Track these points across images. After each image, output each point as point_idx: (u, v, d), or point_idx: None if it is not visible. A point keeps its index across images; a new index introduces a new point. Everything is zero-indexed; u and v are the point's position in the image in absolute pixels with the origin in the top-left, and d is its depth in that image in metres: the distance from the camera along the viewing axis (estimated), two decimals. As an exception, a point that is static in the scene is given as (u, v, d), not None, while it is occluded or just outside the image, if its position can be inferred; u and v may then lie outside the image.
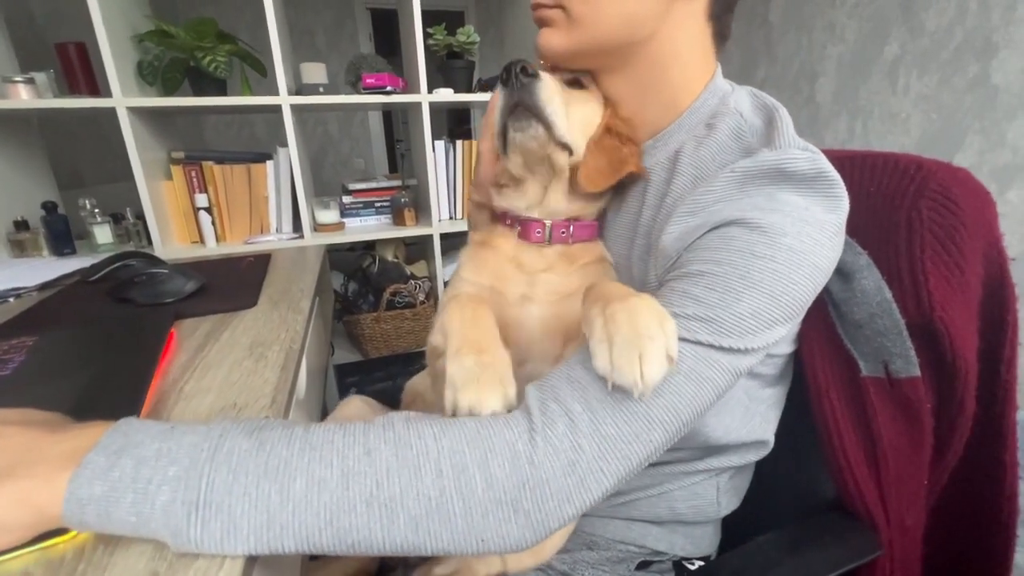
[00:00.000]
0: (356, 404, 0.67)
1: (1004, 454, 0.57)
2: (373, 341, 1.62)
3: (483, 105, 1.92)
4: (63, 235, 1.40)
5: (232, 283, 0.90)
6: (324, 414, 1.21)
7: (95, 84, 1.38)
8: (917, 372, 0.53)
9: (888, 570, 0.55)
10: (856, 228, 0.57)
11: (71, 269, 0.99)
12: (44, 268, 1.01)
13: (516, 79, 0.48)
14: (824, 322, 0.58)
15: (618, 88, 0.56)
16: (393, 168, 4.55)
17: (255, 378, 0.54)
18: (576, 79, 0.56)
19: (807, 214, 0.43)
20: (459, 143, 1.70)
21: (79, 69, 1.35)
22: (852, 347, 0.56)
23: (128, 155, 1.32)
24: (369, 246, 1.87)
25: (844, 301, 0.56)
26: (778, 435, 0.62)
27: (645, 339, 0.36)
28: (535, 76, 0.49)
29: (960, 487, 0.59)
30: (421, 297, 1.68)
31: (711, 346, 0.40)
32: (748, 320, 0.40)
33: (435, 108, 1.66)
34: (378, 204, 1.74)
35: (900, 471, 0.55)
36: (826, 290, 0.57)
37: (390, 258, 1.79)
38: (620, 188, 0.59)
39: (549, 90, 0.49)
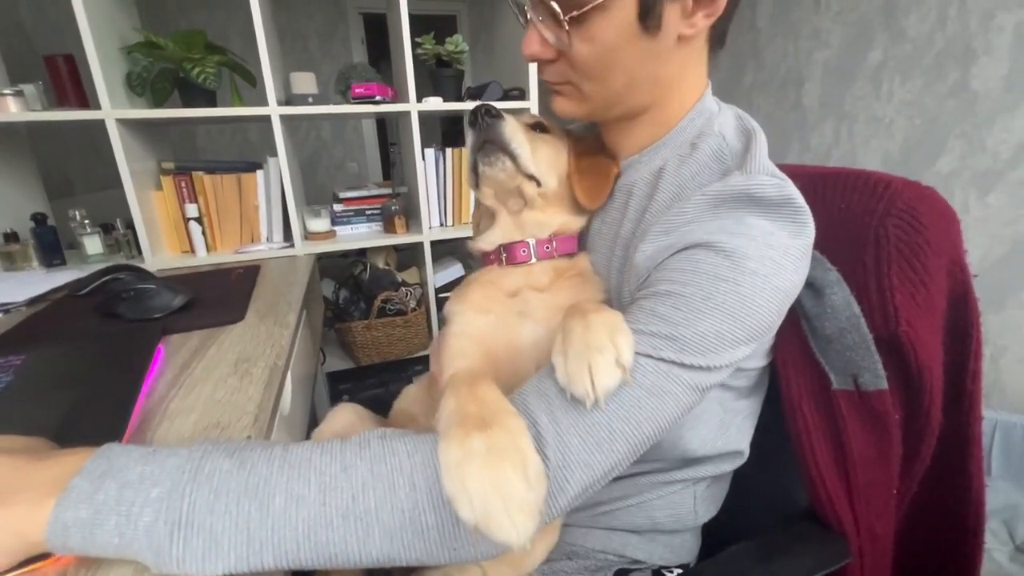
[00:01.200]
0: (346, 413, 0.68)
1: (970, 463, 0.58)
2: (364, 349, 1.63)
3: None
4: (53, 246, 1.40)
5: (220, 296, 0.91)
6: (313, 423, 1.22)
7: (84, 96, 1.38)
8: (885, 385, 0.55)
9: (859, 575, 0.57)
10: (827, 244, 0.59)
11: (60, 283, 0.99)
12: (33, 282, 1.02)
13: (482, 120, 0.53)
14: (798, 335, 0.59)
15: (611, 116, 0.57)
16: (387, 172, 4.55)
17: (239, 396, 0.55)
18: (539, 123, 0.59)
19: (772, 239, 0.44)
20: (449, 151, 1.71)
21: (68, 81, 1.35)
22: (823, 360, 0.58)
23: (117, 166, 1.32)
24: (360, 253, 1.87)
25: (816, 316, 0.58)
26: (756, 444, 0.63)
27: (594, 351, 0.39)
28: (499, 117, 0.54)
29: (929, 495, 0.61)
30: (412, 304, 1.69)
31: (673, 363, 0.42)
32: (711, 339, 0.42)
33: (427, 115, 1.67)
34: (369, 212, 1.74)
35: (869, 481, 0.56)
36: (799, 304, 0.58)
37: (381, 265, 1.80)
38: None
39: (512, 127, 0.54)
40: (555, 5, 0.46)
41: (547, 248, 0.60)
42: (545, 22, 0.49)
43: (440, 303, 1.74)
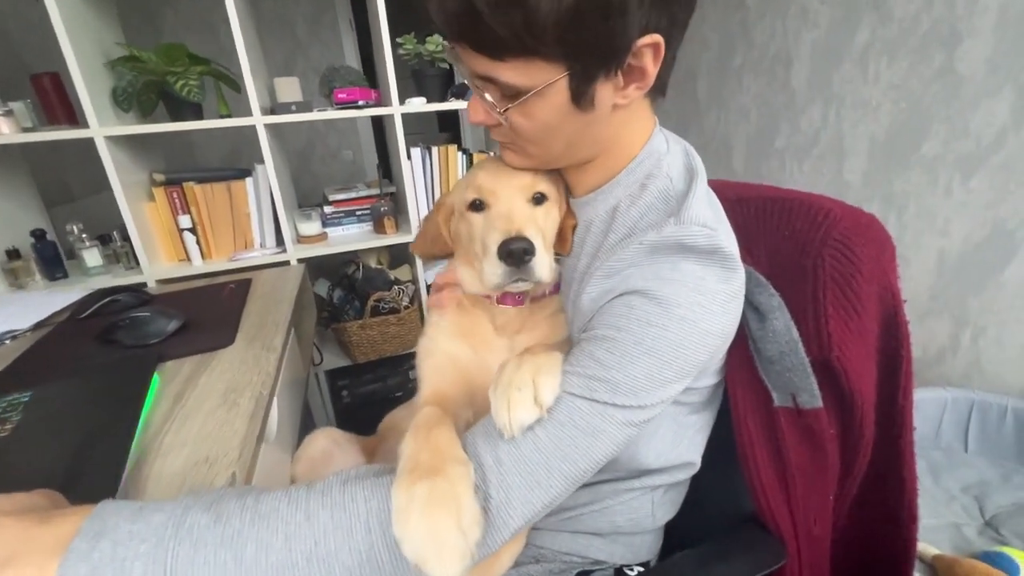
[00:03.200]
0: (321, 440, 0.73)
1: (903, 470, 0.63)
2: (361, 347, 1.69)
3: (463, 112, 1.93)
4: (54, 260, 1.45)
5: (213, 316, 0.96)
6: (306, 425, 1.28)
7: (72, 113, 1.41)
8: (820, 404, 0.59)
9: (797, 574, 0.63)
10: (773, 269, 0.63)
11: (62, 305, 1.04)
12: (37, 303, 1.07)
13: (522, 264, 0.54)
14: (745, 356, 0.63)
15: (559, 167, 0.62)
16: (384, 159, 4.55)
17: (226, 429, 0.60)
18: (541, 194, 0.61)
19: (702, 284, 0.48)
20: (435, 149, 1.73)
21: (55, 99, 1.37)
22: (767, 379, 0.62)
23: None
24: (353, 252, 1.91)
25: (760, 338, 0.62)
26: (711, 452, 0.68)
27: (514, 388, 0.46)
28: (533, 254, 0.54)
29: (867, 497, 0.66)
30: (405, 302, 1.74)
31: (607, 403, 0.46)
32: (641, 381, 0.46)
33: (419, 112, 1.68)
34: (359, 212, 1.78)
35: (806, 490, 0.61)
36: (746, 326, 0.62)
37: (374, 264, 1.84)
38: None
39: (542, 261, 0.55)
40: (489, 98, 0.50)
41: (541, 293, 0.65)
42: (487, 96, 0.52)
43: (432, 299, 1.79)
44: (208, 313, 0.98)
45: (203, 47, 1.54)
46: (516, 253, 0.53)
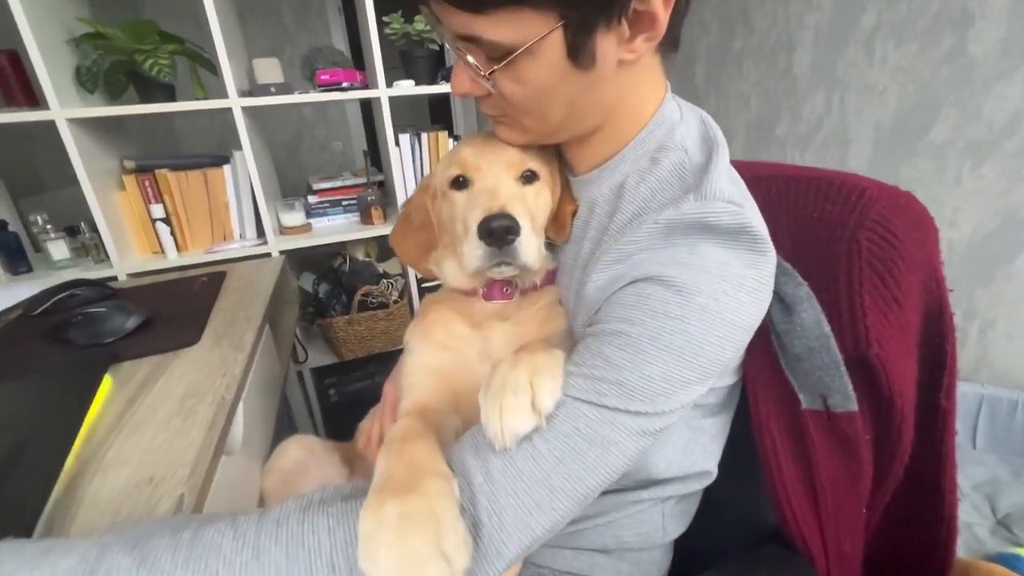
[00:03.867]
0: (295, 450, 0.66)
1: (943, 479, 0.57)
2: (347, 344, 1.61)
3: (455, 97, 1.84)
4: (17, 253, 1.36)
5: (179, 312, 0.88)
6: (284, 429, 1.20)
7: (33, 94, 1.31)
8: (854, 407, 0.52)
9: (827, 597, 0.56)
10: (800, 256, 0.56)
11: (14, 301, 0.95)
12: (-9, 298, 0.98)
13: (505, 243, 0.48)
14: (767, 352, 0.57)
15: (559, 141, 0.54)
16: (374, 150, 4.44)
17: (180, 441, 0.52)
18: (531, 171, 0.54)
19: (726, 270, 0.41)
20: (425, 135, 1.65)
21: (13, 79, 1.27)
22: (793, 379, 0.55)
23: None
24: (340, 244, 1.83)
25: (785, 333, 0.55)
26: (726, 459, 0.61)
27: (508, 392, 0.39)
28: (517, 233, 0.48)
29: (901, 510, 0.59)
30: (394, 296, 1.66)
31: (618, 410, 0.39)
32: (658, 383, 0.39)
33: (409, 96, 1.59)
34: (345, 203, 1.69)
35: (838, 503, 0.55)
36: (769, 320, 0.55)
37: (361, 257, 1.76)
38: None
39: (527, 242, 0.49)
40: (472, 59, 0.43)
41: (529, 283, 0.58)
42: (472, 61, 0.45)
43: (423, 293, 1.71)
44: (175, 308, 0.90)
45: (186, 33, 1.43)
46: (498, 231, 0.47)
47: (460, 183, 0.54)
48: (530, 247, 0.49)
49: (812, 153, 2.10)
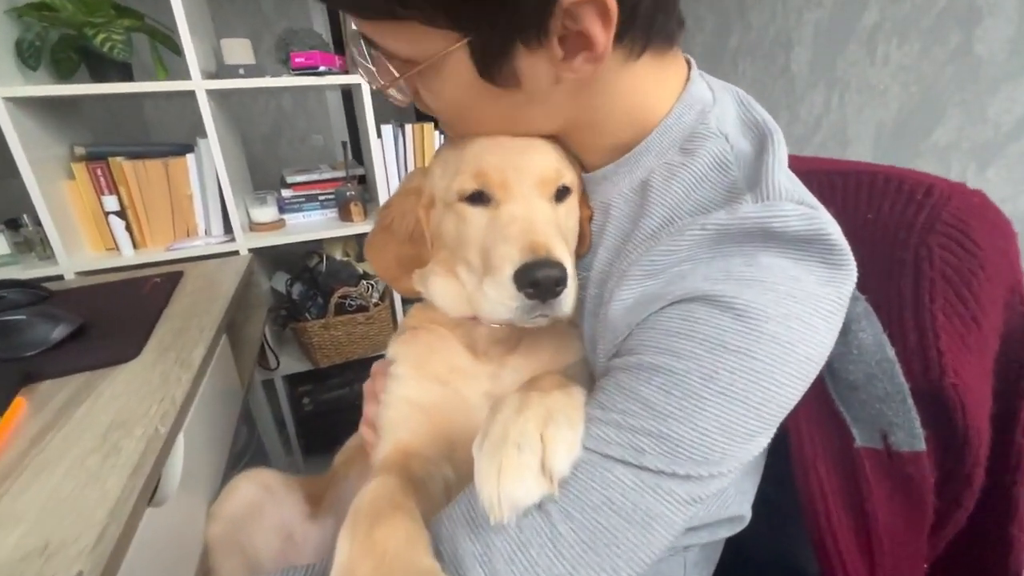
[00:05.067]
0: (247, 489, 0.55)
1: (1011, 526, 0.49)
2: (323, 350, 1.49)
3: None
4: (-52, 249, 1.22)
5: (123, 318, 0.76)
6: (251, 445, 1.08)
7: (-33, 69, 1.17)
8: (922, 446, 0.44)
9: (880, 665, 0.48)
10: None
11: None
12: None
13: (549, 292, 0.38)
14: (814, 379, 0.48)
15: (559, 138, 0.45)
16: (355, 144, 4.30)
17: (92, 491, 0.41)
18: (565, 188, 0.44)
19: (797, 288, 0.32)
20: (409, 127, 1.54)
21: (-57, 51, 1.13)
22: (845, 412, 0.47)
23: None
24: (316, 242, 1.71)
25: (838, 357, 0.46)
26: (758, 500, 0.53)
27: (510, 446, 0.29)
28: (565, 284, 0.38)
29: (960, 560, 0.51)
30: (375, 299, 1.54)
31: (662, 472, 0.30)
32: (714, 436, 0.30)
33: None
34: (322, 197, 1.57)
35: (896, 557, 0.46)
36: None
37: (339, 256, 1.64)
38: None
39: (572, 293, 0.39)
40: (363, 76, 0.38)
41: None
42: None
43: (408, 298, 1.60)
44: (117, 315, 0.78)
45: (146, 8, 1.30)
46: (545, 284, 0.36)
47: (477, 198, 0.43)
48: (571, 293, 0.39)
49: (810, 154, 2.04)
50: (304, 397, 1.64)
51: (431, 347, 0.48)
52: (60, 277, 1.22)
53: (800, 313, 0.31)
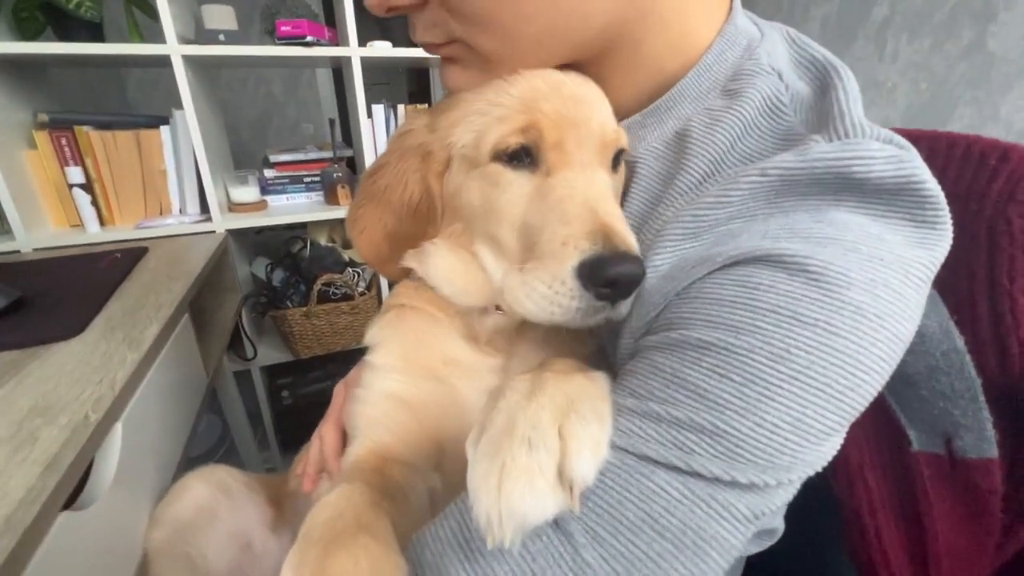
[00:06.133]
0: (196, 493, 0.47)
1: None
2: (304, 340, 1.41)
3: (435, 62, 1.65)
4: None
5: (72, 293, 0.68)
6: (222, 443, 1.00)
7: (-82, 22, 1.07)
8: (994, 452, 0.37)
9: None
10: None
11: None
12: None
13: (625, 292, 0.30)
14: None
15: (586, 72, 0.37)
16: (346, 128, 4.20)
17: (-7, 490, 0.33)
18: (622, 151, 0.36)
19: (882, 248, 0.25)
20: (402, 107, 1.46)
21: None
22: (900, 411, 0.40)
23: (-34, 117, 1.03)
24: (300, 227, 1.62)
25: (893, 346, 0.40)
26: (792, 509, 0.46)
27: (517, 443, 0.22)
28: (640, 283, 0.30)
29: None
30: (361, 288, 1.46)
31: (717, 480, 0.23)
32: (784, 433, 0.23)
33: (387, 66, 1.40)
34: (308, 179, 1.48)
35: (958, 580, 0.40)
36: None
37: (324, 241, 1.56)
38: None
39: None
40: None
41: None
42: None
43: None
44: (67, 290, 0.69)
45: None
46: (624, 284, 0.29)
47: (517, 157, 0.34)
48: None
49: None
50: (283, 390, 1.55)
51: (421, 333, 0.40)
52: (16, 253, 1.12)
53: (889, 279, 0.24)
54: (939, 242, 0.27)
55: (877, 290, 0.24)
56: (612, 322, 0.31)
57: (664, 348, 0.26)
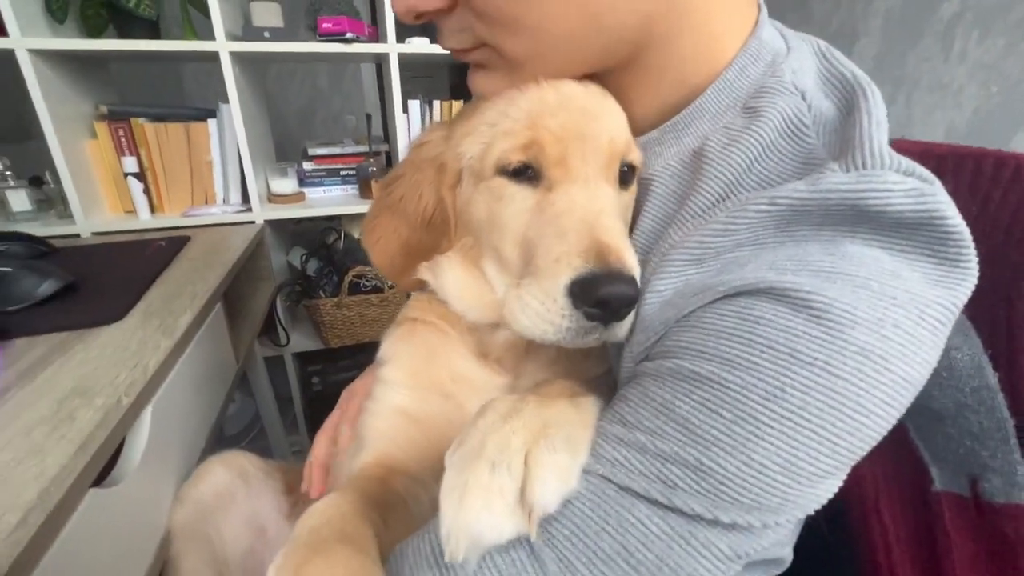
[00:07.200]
0: (217, 476, 0.49)
1: None
2: (334, 329, 1.45)
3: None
4: (-29, 200, 1.22)
5: (117, 279, 0.72)
6: (256, 425, 1.04)
7: (3, 25, 1.16)
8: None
9: None
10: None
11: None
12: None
13: (616, 315, 0.29)
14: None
15: (608, 83, 0.36)
16: (387, 127, 4.27)
17: (30, 465, 0.36)
18: (630, 166, 0.36)
19: (896, 286, 0.23)
20: (437, 103, 1.47)
21: (-26, 1, 1.12)
22: (924, 447, 0.38)
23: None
24: (335, 219, 1.67)
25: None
26: (802, 540, 0.44)
27: (482, 463, 0.22)
28: (635, 304, 0.30)
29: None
30: (390, 282, 1.49)
31: (699, 518, 0.22)
32: (772, 474, 0.22)
33: (424, 62, 1.42)
34: (344, 172, 1.52)
35: (978, 632, 0.38)
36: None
37: (357, 234, 1.60)
38: None
39: (632, 316, 0.31)
40: None
41: None
42: None
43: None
44: (113, 276, 0.74)
45: None
46: (614, 306, 0.29)
47: (521, 172, 0.34)
48: (634, 314, 0.31)
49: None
50: (314, 376, 1.60)
51: (431, 349, 0.41)
52: (76, 236, 1.21)
53: (900, 320, 0.23)
54: (962, 281, 0.25)
55: (885, 330, 0.23)
56: (612, 344, 0.31)
57: (658, 377, 0.26)
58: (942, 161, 0.42)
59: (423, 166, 0.39)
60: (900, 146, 0.32)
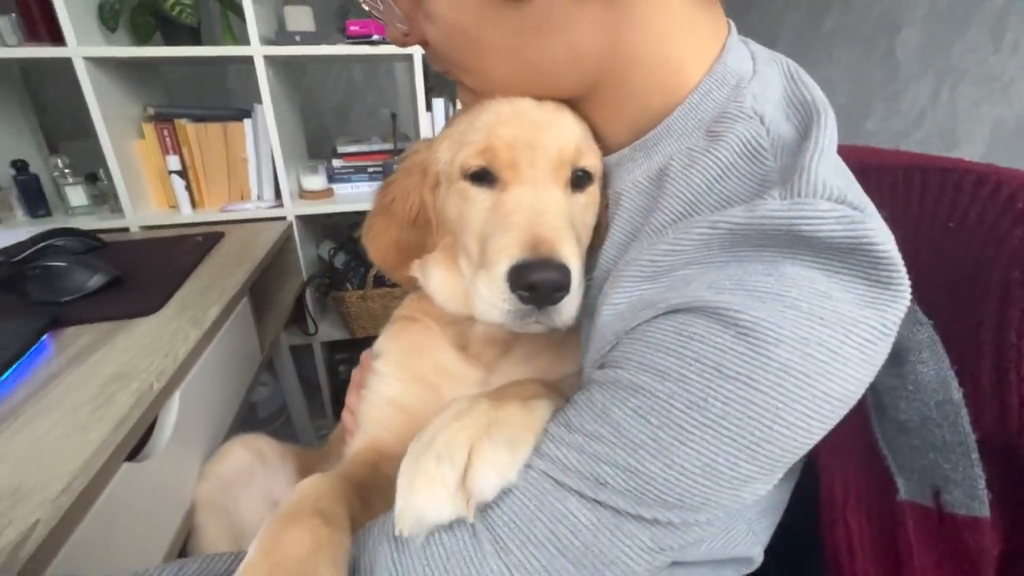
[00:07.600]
0: (237, 455, 0.55)
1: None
2: (359, 320, 1.52)
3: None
4: (36, 195, 1.34)
5: (157, 273, 0.79)
6: (283, 409, 1.10)
7: (59, 31, 1.26)
8: (985, 512, 0.36)
9: None
10: (922, 283, 0.39)
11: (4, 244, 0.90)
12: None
13: (547, 298, 0.33)
14: (857, 410, 0.40)
15: (576, 108, 0.39)
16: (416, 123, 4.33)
17: (75, 440, 0.42)
18: (583, 171, 0.39)
19: (825, 307, 0.25)
20: (460, 102, 1.50)
21: (37, 14, 1.22)
22: (891, 457, 0.39)
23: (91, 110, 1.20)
24: (364, 213, 1.73)
25: (889, 391, 0.39)
26: (775, 543, 0.46)
27: (430, 455, 0.27)
28: (566, 290, 0.33)
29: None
30: (387, 276, 1.54)
31: (624, 513, 0.25)
32: (693, 477, 0.25)
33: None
34: (371, 169, 1.58)
35: (938, 638, 0.39)
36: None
37: (383, 229, 1.65)
38: None
39: (575, 296, 0.34)
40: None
41: None
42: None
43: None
44: (154, 269, 0.81)
45: None
46: (542, 289, 0.32)
47: (481, 176, 0.38)
48: (575, 301, 0.34)
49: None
50: (341, 364, 1.68)
51: (418, 344, 0.45)
52: (126, 229, 1.31)
53: (826, 339, 0.25)
54: (893, 302, 0.26)
55: (809, 348, 0.25)
56: (552, 330, 0.34)
57: (602, 384, 0.28)
58: (922, 173, 0.42)
59: (412, 171, 0.44)
60: (866, 154, 0.33)
